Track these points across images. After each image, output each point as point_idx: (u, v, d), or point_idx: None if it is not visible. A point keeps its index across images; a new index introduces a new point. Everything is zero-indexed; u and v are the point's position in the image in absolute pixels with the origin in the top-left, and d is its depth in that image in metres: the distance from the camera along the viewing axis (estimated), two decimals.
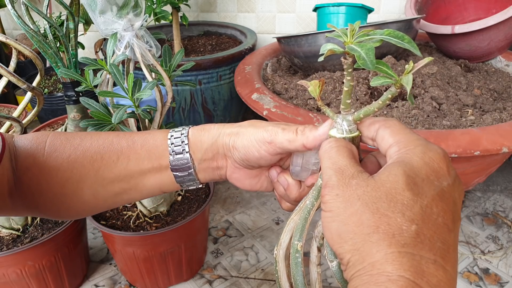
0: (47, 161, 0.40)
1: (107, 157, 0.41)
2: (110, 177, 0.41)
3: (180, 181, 0.42)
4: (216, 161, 0.42)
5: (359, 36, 0.30)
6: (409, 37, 0.29)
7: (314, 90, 0.37)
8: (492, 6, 1.18)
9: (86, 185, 0.41)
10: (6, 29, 1.71)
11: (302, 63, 1.03)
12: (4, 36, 0.69)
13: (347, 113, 0.36)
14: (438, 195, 0.25)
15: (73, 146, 0.41)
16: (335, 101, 0.90)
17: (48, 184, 0.40)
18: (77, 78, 0.74)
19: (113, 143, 0.42)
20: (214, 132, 0.41)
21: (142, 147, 0.42)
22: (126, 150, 0.42)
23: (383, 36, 0.29)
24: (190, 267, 0.87)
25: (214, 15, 1.55)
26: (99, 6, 0.59)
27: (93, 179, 0.41)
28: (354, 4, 1.09)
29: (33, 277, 0.77)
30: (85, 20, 1.31)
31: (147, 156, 0.42)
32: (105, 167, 0.41)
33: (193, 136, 0.42)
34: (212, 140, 0.41)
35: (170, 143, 0.41)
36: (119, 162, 0.41)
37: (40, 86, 1.35)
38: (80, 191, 0.41)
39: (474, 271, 0.88)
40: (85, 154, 0.41)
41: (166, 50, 0.72)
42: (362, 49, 0.29)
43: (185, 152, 0.41)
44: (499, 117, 0.83)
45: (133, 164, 0.41)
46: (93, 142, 0.42)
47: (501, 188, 1.14)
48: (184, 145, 0.41)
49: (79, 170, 0.40)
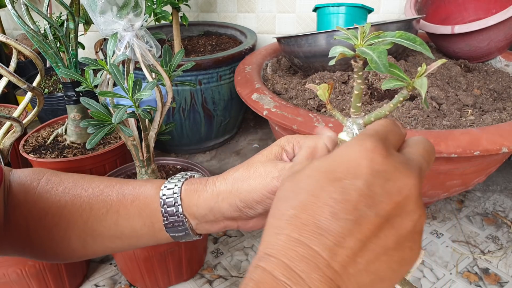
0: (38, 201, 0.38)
1: (96, 208, 0.39)
2: (100, 230, 0.39)
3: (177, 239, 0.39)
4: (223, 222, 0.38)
5: (370, 39, 0.29)
6: None
7: (323, 94, 0.36)
8: (492, 6, 1.18)
9: (74, 234, 0.38)
10: (6, 29, 1.71)
11: (302, 63, 1.04)
12: (4, 36, 0.69)
13: (357, 116, 0.35)
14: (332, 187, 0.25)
15: (64, 190, 0.39)
16: (335, 101, 0.91)
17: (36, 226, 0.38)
18: (77, 78, 0.74)
19: (103, 193, 0.40)
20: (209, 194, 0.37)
21: (132, 202, 0.39)
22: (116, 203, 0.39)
23: (395, 39, 0.28)
24: (190, 267, 0.87)
25: (214, 15, 1.55)
26: (99, 6, 0.59)
27: (82, 229, 0.38)
28: (354, 4, 1.09)
29: (33, 277, 0.77)
30: (85, 20, 1.31)
31: (137, 214, 0.39)
32: (94, 219, 0.39)
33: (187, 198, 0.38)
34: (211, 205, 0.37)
35: (162, 204, 0.38)
36: (108, 215, 0.39)
37: (40, 86, 1.36)
38: (67, 239, 0.38)
39: (474, 271, 0.88)
40: (74, 201, 0.39)
41: (166, 50, 0.72)
42: (374, 52, 0.28)
43: (179, 214, 0.37)
44: (499, 117, 0.83)
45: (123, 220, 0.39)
46: (84, 189, 0.40)
47: (501, 188, 1.14)
48: (177, 206, 0.38)
49: (67, 218, 0.38)
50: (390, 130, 0.29)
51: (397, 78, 0.30)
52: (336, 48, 0.30)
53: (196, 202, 0.37)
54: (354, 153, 0.26)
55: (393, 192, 0.25)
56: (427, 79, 0.29)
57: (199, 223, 0.38)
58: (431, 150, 0.29)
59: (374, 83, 0.93)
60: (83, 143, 1.04)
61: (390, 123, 0.29)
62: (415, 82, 0.29)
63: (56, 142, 1.05)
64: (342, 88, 0.94)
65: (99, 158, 0.98)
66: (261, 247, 0.26)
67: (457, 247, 0.94)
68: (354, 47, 0.30)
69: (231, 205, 0.36)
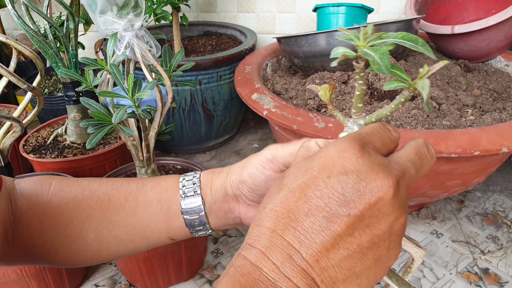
0: (52, 200, 0.39)
1: (115, 198, 0.40)
2: (117, 220, 0.40)
3: (190, 224, 0.40)
4: (227, 203, 0.40)
5: (372, 40, 0.29)
6: None
7: (324, 95, 0.36)
8: (492, 6, 1.18)
9: (91, 227, 0.39)
10: (6, 29, 1.71)
11: (302, 63, 1.04)
12: (4, 36, 0.69)
13: (358, 117, 0.35)
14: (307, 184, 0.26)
15: (80, 187, 0.40)
16: (335, 101, 0.91)
17: (50, 223, 0.39)
18: (77, 78, 0.74)
19: (123, 185, 0.41)
20: (224, 173, 0.40)
21: (152, 189, 0.41)
22: (135, 191, 0.41)
23: (397, 40, 0.28)
24: (190, 267, 0.87)
25: (214, 15, 1.55)
26: (99, 6, 0.59)
27: (99, 221, 0.39)
28: (354, 4, 1.09)
29: (33, 277, 0.77)
30: (85, 20, 1.31)
31: (156, 198, 0.40)
32: (112, 209, 0.40)
33: (204, 178, 0.41)
34: (222, 181, 0.40)
35: (181, 186, 0.40)
36: (127, 204, 0.40)
37: (40, 86, 1.36)
38: (84, 233, 0.39)
39: (474, 271, 0.88)
40: (93, 194, 0.40)
41: (166, 50, 0.72)
42: (376, 54, 0.28)
43: (197, 194, 0.40)
44: (499, 117, 0.83)
45: (141, 206, 0.40)
46: (102, 184, 0.41)
47: (501, 188, 1.14)
48: (196, 187, 0.40)
49: (85, 211, 0.39)
50: (375, 133, 0.29)
51: (399, 79, 0.30)
52: (338, 49, 0.30)
53: (212, 180, 0.40)
54: (330, 152, 0.27)
55: (365, 192, 0.25)
56: (429, 81, 0.28)
57: (211, 205, 0.40)
58: (425, 154, 0.29)
59: (374, 83, 0.93)
60: (83, 143, 1.04)
61: (377, 126, 0.30)
62: (417, 83, 0.29)
63: (56, 142, 1.05)
64: (342, 88, 0.94)
65: (99, 158, 0.98)
66: (245, 239, 0.28)
67: (457, 247, 0.94)
68: (356, 48, 0.30)
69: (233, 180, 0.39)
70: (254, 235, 0.27)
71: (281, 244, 0.26)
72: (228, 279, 0.26)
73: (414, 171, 0.28)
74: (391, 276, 0.35)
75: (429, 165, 0.29)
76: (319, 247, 0.25)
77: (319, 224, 0.25)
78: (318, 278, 0.25)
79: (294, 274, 0.25)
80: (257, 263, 0.26)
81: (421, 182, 0.85)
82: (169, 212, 0.40)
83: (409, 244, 0.36)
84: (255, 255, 0.26)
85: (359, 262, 0.26)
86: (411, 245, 0.37)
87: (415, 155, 0.29)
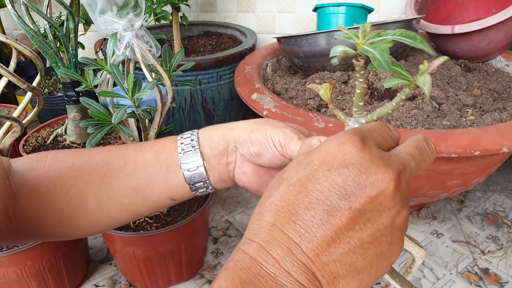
0: (49, 171, 0.39)
1: (113, 163, 0.40)
2: (116, 184, 0.40)
3: (190, 179, 0.40)
4: (227, 156, 0.40)
5: (371, 37, 0.29)
6: None
7: (325, 93, 0.36)
8: (492, 6, 1.18)
9: (91, 193, 0.39)
10: (6, 29, 1.71)
11: (302, 63, 1.03)
12: (4, 36, 0.69)
13: (359, 115, 0.35)
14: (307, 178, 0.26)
15: (77, 155, 0.40)
16: (335, 101, 0.90)
17: (50, 193, 0.39)
18: (77, 78, 0.74)
19: (121, 150, 0.41)
20: (225, 127, 0.41)
21: (150, 149, 0.41)
22: (133, 154, 0.41)
23: (395, 37, 0.29)
24: (190, 267, 0.87)
25: (214, 15, 1.55)
26: (99, 6, 0.59)
27: (98, 186, 0.40)
28: (354, 4, 1.09)
29: (33, 277, 0.77)
30: (85, 20, 1.31)
31: (155, 158, 0.40)
32: (111, 173, 0.40)
33: (203, 134, 0.41)
34: (223, 134, 0.40)
35: (179, 143, 0.41)
36: (125, 167, 0.40)
37: (40, 86, 1.35)
38: (84, 199, 0.39)
39: (474, 271, 0.88)
40: (90, 160, 0.40)
41: (166, 50, 0.72)
42: (376, 50, 0.28)
43: (195, 149, 0.40)
44: (499, 117, 0.83)
45: (140, 167, 0.40)
46: (99, 151, 0.41)
47: (501, 188, 1.14)
48: (194, 143, 0.40)
49: (84, 177, 0.39)
50: (376, 130, 0.29)
51: (399, 76, 0.30)
52: (337, 48, 0.30)
53: (211, 134, 0.41)
54: (331, 146, 0.27)
55: (366, 185, 0.25)
56: (430, 76, 0.28)
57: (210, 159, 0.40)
58: (425, 149, 0.29)
59: (374, 83, 0.93)
60: (83, 143, 1.03)
61: (378, 123, 0.30)
62: (418, 79, 0.29)
63: (56, 142, 1.05)
64: (342, 88, 0.94)
65: None
66: (245, 233, 0.27)
67: (457, 247, 0.94)
68: (356, 46, 0.30)
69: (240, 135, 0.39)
70: (254, 229, 0.27)
71: (281, 238, 0.25)
72: (227, 273, 0.26)
73: (415, 165, 0.28)
74: (394, 276, 0.35)
75: (429, 159, 0.29)
76: (320, 241, 0.25)
77: (319, 218, 0.25)
78: (319, 272, 0.25)
79: (294, 269, 0.25)
80: (257, 257, 0.25)
81: (421, 182, 0.85)
82: (169, 170, 0.40)
83: (410, 244, 0.36)
84: (255, 249, 0.26)
85: (361, 257, 0.26)
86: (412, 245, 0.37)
87: (414, 149, 0.29)
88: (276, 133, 0.38)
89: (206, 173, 0.40)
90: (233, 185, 0.43)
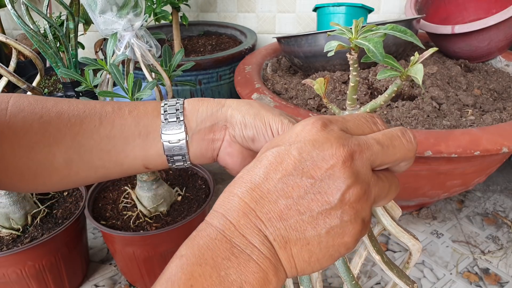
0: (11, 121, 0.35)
1: (87, 121, 0.37)
2: (89, 145, 0.37)
3: (169, 152, 0.38)
4: (213, 133, 0.39)
5: (363, 32, 0.31)
6: None
7: (319, 88, 0.37)
8: (492, 6, 1.18)
9: (60, 152, 0.36)
10: (6, 29, 1.71)
11: (302, 63, 1.03)
12: (4, 36, 0.69)
13: (353, 108, 0.36)
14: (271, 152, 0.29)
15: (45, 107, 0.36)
16: (335, 101, 0.90)
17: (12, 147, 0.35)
18: (77, 78, 0.74)
19: (96, 107, 0.38)
20: (215, 103, 0.39)
21: (130, 113, 0.38)
22: (111, 114, 0.38)
23: (387, 31, 0.30)
24: None
25: (214, 15, 1.55)
26: (99, 6, 0.59)
27: (69, 144, 0.36)
28: (354, 4, 1.09)
29: (33, 277, 0.77)
30: (85, 20, 1.31)
31: (134, 122, 0.38)
32: (84, 133, 0.37)
33: (190, 106, 0.39)
34: (213, 110, 0.38)
35: (163, 111, 0.38)
36: (101, 127, 0.37)
37: (40, 86, 1.35)
38: (51, 157, 0.36)
39: (474, 271, 0.88)
40: (62, 116, 0.36)
41: (166, 50, 0.72)
42: (370, 43, 0.29)
43: (179, 121, 0.38)
44: (499, 117, 0.83)
45: (117, 130, 0.37)
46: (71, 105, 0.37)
47: (501, 188, 1.14)
48: (179, 113, 0.38)
49: (53, 134, 0.36)
50: (353, 119, 0.31)
51: (392, 68, 0.31)
52: (331, 43, 0.32)
53: (199, 108, 0.39)
54: (296, 127, 0.30)
55: (318, 159, 0.27)
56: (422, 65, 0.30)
57: (195, 133, 0.38)
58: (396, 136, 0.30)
59: (374, 83, 0.93)
60: None
61: (358, 114, 0.32)
62: (410, 70, 0.30)
63: None
64: (342, 88, 0.94)
65: None
66: None
67: (457, 247, 0.94)
68: (349, 40, 0.31)
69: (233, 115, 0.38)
70: (220, 201, 0.29)
71: (239, 205, 0.28)
72: (188, 242, 0.28)
73: (379, 148, 0.29)
74: (392, 267, 0.35)
75: (404, 147, 0.30)
76: (273, 206, 0.27)
77: (274, 185, 0.27)
78: (271, 236, 0.27)
79: (248, 231, 0.27)
80: (216, 224, 0.27)
81: (421, 182, 0.85)
82: (147, 138, 0.38)
83: (406, 235, 0.37)
84: (216, 218, 0.28)
85: (310, 226, 0.27)
86: (408, 237, 0.37)
87: (383, 135, 0.30)
88: (275, 121, 0.37)
89: (187, 147, 0.38)
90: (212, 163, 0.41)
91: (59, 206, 0.85)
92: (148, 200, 0.80)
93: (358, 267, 0.38)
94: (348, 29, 0.31)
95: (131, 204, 0.83)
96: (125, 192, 0.85)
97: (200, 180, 0.91)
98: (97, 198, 0.86)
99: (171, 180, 0.92)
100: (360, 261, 0.38)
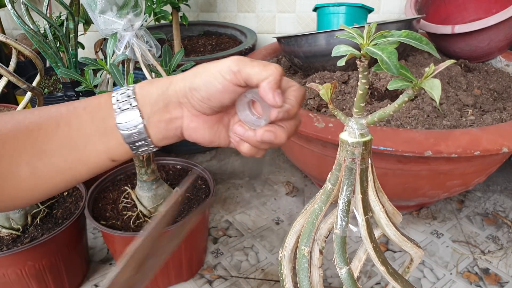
0: None
1: (45, 126, 0.37)
2: (51, 149, 0.37)
3: (129, 139, 0.38)
4: (169, 112, 0.39)
5: (375, 38, 0.29)
6: None
7: (325, 93, 0.36)
8: (492, 6, 1.18)
9: (23, 161, 0.36)
10: (6, 29, 1.71)
11: (302, 63, 1.03)
12: (4, 36, 0.69)
13: (360, 116, 0.35)
14: None
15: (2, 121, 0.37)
16: (335, 101, 0.90)
17: None
18: (77, 78, 0.74)
19: (51, 111, 0.38)
20: (164, 81, 0.39)
21: (84, 109, 0.38)
22: (66, 116, 0.38)
23: (401, 38, 0.28)
24: (190, 267, 0.87)
25: (214, 15, 1.55)
26: (99, 6, 0.59)
27: (31, 152, 0.36)
28: (354, 4, 1.09)
29: (33, 277, 0.77)
30: (85, 20, 1.31)
31: (90, 118, 0.38)
32: (43, 138, 0.37)
33: (141, 90, 0.39)
34: (162, 89, 0.38)
35: (115, 100, 0.38)
36: (59, 130, 0.37)
37: (40, 86, 1.35)
38: (15, 168, 0.36)
39: (474, 271, 0.88)
40: (18, 125, 0.36)
41: (166, 50, 0.72)
42: (383, 53, 0.28)
43: (132, 107, 0.38)
44: (499, 117, 0.83)
45: (75, 130, 0.37)
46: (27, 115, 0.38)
47: (501, 188, 1.14)
48: (131, 99, 0.38)
49: (13, 145, 0.36)
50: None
51: (403, 78, 0.29)
52: (339, 47, 0.30)
53: (150, 90, 0.39)
54: None
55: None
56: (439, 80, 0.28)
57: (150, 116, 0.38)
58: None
59: (374, 83, 0.93)
60: None
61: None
62: (424, 83, 0.28)
63: None
64: (342, 88, 0.94)
65: None
66: None
67: (457, 247, 0.94)
68: (360, 47, 0.30)
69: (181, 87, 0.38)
70: None
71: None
72: None
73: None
74: (396, 278, 0.35)
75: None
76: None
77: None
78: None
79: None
80: None
81: (421, 182, 0.85)
82: (106, 130, 0.38)
83: (409, 244, 0.36)
84: None
85: None
86: (411, 246, 0.36)
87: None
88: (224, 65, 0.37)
89: (146, 131, 0.38)
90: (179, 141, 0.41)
91: (59, 206, 0.85)
92: (148, 200, 0.80)
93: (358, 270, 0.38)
94: (359, 32, 0.30)
95: (131, 204, 0.83)
96: (125, 192, 0.85)
97: (200, 180, 0.91)
98: (97, 198, 0.86)
99: (171, 180, 0.92)
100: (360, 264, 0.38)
